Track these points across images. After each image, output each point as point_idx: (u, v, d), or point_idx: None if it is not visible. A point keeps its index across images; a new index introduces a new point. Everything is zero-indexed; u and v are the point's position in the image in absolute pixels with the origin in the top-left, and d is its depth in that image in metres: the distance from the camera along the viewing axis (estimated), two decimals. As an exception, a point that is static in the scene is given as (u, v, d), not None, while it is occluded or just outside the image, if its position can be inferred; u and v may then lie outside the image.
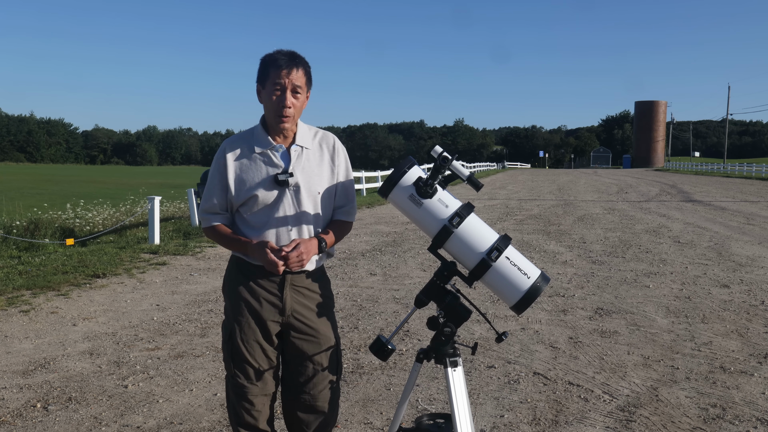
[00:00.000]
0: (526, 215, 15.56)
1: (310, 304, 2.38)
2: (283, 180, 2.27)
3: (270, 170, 2.30)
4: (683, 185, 32.69)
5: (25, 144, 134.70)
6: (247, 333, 2.33)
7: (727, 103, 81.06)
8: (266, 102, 2.30)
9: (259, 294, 2.33)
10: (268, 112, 2.32)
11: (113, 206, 15.61)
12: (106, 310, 6.08)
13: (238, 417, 2.38)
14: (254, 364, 2.34)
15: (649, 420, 3.59)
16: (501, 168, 75.28)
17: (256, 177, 2.30)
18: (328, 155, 2.42)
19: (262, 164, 2.31)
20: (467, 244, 2.12)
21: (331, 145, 2.44)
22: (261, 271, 2.32)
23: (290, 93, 2.27)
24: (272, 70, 2.25)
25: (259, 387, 2.36)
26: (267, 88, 2.28)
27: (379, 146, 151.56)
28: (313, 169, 2.36)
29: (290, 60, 2.26)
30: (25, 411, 3.72)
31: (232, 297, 2.37)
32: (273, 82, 2.25)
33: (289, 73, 2.25)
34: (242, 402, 2.36)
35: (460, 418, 2.16)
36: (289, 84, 2.25)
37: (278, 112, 2.27)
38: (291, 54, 2.29)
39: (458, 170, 2.16)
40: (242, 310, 2.34)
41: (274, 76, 2.25)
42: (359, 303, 6.33)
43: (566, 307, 6.16)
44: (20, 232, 10.82)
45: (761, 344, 5.01)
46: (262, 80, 2.30)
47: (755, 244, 10.46)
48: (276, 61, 2.25)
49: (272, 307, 2.33)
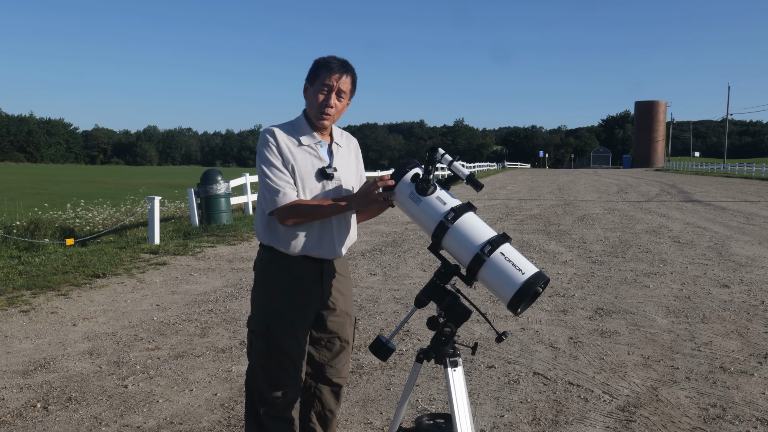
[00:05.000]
0: (526, 215, 15.56)
1: (340, 287, 2.56)
2: (330, 174, 2.43)
3: (316, 162, 2.43)
4: (683, 185, 32.69)
5: (25, 144, 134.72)
6: (285, 325, 2.43)
7: (727, 103, 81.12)
8: (311, 99, 2.45)
9: (296, 285, 2.44)
10: (311, 108, 2.46)
11: (113, 206, 15.60)
12: (106, 310, 6.08)
13: (271, 406, 2.46)
14: (291, 355, 2.44)
15: (649, 420, 3.59)
16: (501, 168, 75.28)
17: (305, 166, 2.41)
18: (354, 153, 2.63)
19: (309, 155, 2.43)
20: (463, 240, 2.12)
21: (354, 144, 2.67)
22: (299, 261, 2.44)
23: (335, 95, 2.43)
24: (324, 71, 2.41)
25: (292, 377, 2.46)
26: (315, 87, 2.43)
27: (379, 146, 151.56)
28: (347, 166, 2.54)
29: (342, 66, 2.43)
30: (25, 411, 3.73)
31: (269, 290, 2.46)
32: (322, 83, 2.41)
33: (340, 77, 2.41)
34: (276, 392, 2.45)
35: (460, 418, 2.16)
36: (336, 87, 2.42)
37: (321, 110, 2.42)
38: (343, 61, 2.45)
39: (458, 170, 2.17)
40: (280, 302, 2.43)
41: (324, 77, 2.40)
42: (359, 303, 6.33)
43: (566, 307, 6.16)
44: (20, 232, 10.81)
45: (761, 344, 5.01)
46: (311, 79, 2.45)
47: (755, 244, 10.46)
48: (329, 64, 2.41)
49: (310, 297, 2.46)
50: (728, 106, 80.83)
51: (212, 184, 12.50)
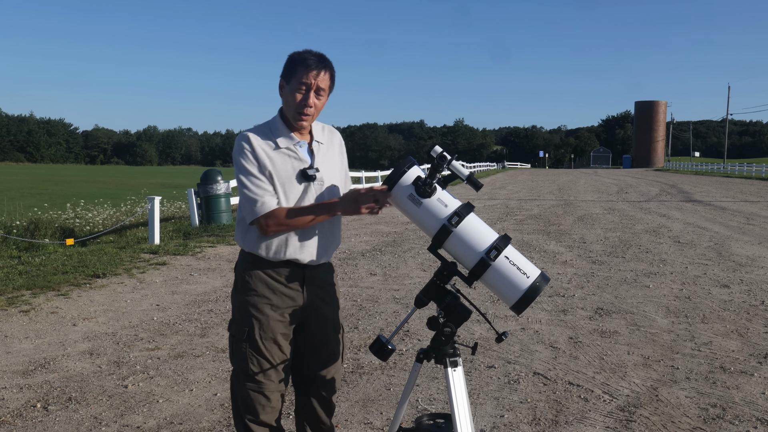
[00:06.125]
0: (526, 215, 15.56)
1: (324, 295, 2.46)
2: (311, 175, 2.33)
3: (296, 164, 2.34)
4: (683, 185, 32.69)
5: (25, 144, 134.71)
6: (266, 330, 2.35)
7: (727, 103, 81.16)
8: (288, 98, 2.32)
9: (277, 290, 2.36)
10: (288, 108, 2.34)
11: (113, 206, 15.60)
12: (106, 310, 6.08)
13: (254, 413, 2.39)
14: (272, 360, 2.37)
15: (649, 420, 3.59)
16: (501, 168, 75.30)
17: (284, 170, 2.32)
18: (337, 148, 2.52)
19: (288, 158, 2.34)
20: (466, 244, 2.12)
21: (338, 139, 2.55)
22: (280, 265, 2.36)
23: (314, 93, 2.30)
24: (300, 68, 2.28)
25: (275, 383, 2.39)
26: (291, 85, 2.30)
27: (379, 146, 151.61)
28: (330, 163, 2.44)
29: (319, 61, 2.29)
30: (25, 411, 3.73)
31: (250, 294, 2.36)
32: (299, 81, 2.28)
33: (317, 74, 2.28)
34: (259, 398, 2.38)
35: (460, 418, 2.16)
36: (314, 85, 2.29)
37: (299, 110, 2.31)
38: (320, 56, 2.32)
39: (458, 170, 2.16)
40: (261, 306, 2.35)
41: (301, 75, 2.27)
42: (359, 303, 6.33)
43: (566, 307, 6.16)
44: (20, 232, 10.81)
45: (761, 344, 5.01)
46: (287, 77, 2.32)
47: (755, 244, 10.46)
48: (305, 61, 2.28)
49: (292, 302, 2.38)
50: (728, 106, 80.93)
51: (212, 184, 12.51)
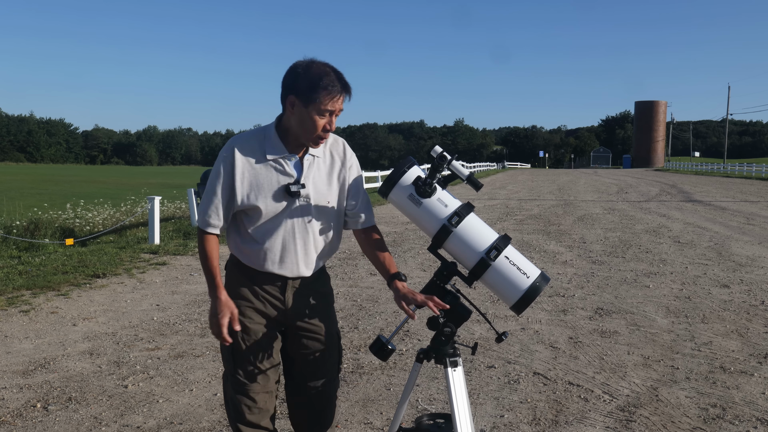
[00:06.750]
0: (526, 215, 15.56)
1: (312, 302, 2.38)
2: (295, 191, 2.21)
3: (281, 179, 2.23)
4: (683, 185, 32.69)
5: (25, 144, 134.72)
6: (249, 332, 2.32)
7: (727, 103, 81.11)
8: (305, 120, 2.16)
9: (260, 294, 2.33)
10: (302, 129, 2.19)
11: (113, 206, 15.60)
12: (106, 310, 6.08)
13: (240, 414, 2.37)
14: (256, 362, 2.34)
15: (649, 420, 3.59)
16: (501, 168, 75.29)
17: (266, 184, 2.21)
18: (339, 162, 2.35)
19: (273, 171, 2.23)
20: (466, 244, 2.12)
21: (341, 151, 2.37)
22: (262, 273, 2.32)
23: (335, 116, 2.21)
24: (324, 94, 2.12)
25: (261, 384, 2.35)
26: (311, 110, 2.14)
27: (379, 146, 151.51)
28: (323, 179, 2.30)
29: (343, 88, 2.17)
30: (25, 411, 3.72)
31: (233, 297, 2.33)
32: (324, 108, 2.14)
33: (341, 99, 2.18)
34: (244, 399, 2.35)
35: (460, 418, 2.16)
36: (338, 110, 2.19)
37: (320, 135, 2.20)
38: (342, 79, 2.18)
39: (458, 170, 2.16)
40: (244, 309, 2.32)
41: (327, 102, 2.13)
42: (359, 303, 6.33)
43: (566, 307, 6.16)
44: (20, 232, 10.81)
45: (761, 344, 5.01)
46: (304, 99, 2.13)
47: (755, 244, 10.46)
48: (329, 87, 2.12)
49: (273, 308, 2.33)
50: (728, 106, 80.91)
51: (212, 184, 12.50)
